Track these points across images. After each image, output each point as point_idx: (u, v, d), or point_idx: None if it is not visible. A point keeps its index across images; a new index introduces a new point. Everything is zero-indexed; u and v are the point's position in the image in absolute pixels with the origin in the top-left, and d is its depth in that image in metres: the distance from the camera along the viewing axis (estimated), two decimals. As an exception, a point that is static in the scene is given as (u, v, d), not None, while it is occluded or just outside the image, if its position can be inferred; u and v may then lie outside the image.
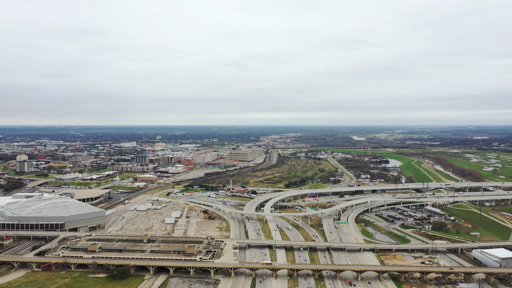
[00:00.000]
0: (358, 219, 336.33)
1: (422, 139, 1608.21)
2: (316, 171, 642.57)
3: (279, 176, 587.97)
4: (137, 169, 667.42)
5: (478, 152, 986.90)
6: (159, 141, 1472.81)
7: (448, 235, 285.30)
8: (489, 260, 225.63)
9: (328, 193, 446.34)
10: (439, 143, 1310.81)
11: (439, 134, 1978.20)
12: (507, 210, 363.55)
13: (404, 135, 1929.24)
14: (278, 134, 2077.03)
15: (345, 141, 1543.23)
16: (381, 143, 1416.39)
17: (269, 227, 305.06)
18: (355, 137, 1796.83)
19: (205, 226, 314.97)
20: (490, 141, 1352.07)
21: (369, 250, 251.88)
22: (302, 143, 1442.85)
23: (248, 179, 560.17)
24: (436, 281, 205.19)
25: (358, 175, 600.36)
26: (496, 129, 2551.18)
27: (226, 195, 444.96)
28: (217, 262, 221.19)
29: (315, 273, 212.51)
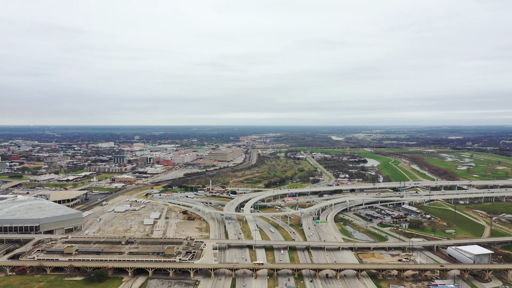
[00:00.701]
0: (337, 218, 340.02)
1: (399, 139, 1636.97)
2: (296, 171, 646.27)
3: (259, 176, 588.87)
4: (115, 170, 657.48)
5: (452, 152, 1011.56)
6: (138, 141, 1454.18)
7: (424, 233, 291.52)
8: (464, 256, 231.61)
9: (308, 192, 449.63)
10: (415, 143, 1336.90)
11: (416, 134, 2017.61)
12: (480, 208, 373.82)
13: (381, 135, 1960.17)
14: (258, 134, 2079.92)
15: (324, 141, 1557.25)
16: (359, 143, 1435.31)
17: (249, 227, 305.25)
18: (334, 137, 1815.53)
19: (184, 226, 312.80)
20: (464, 141, 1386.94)
21: (348, 249, 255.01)
22: (281, 143, 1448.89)
23: (227, 179, 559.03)
24: (413, 278, 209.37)
25: (337, 174, 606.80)
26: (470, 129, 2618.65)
27: (206, 196, 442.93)
28: (196, 263, 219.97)
29: (295, 272, 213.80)
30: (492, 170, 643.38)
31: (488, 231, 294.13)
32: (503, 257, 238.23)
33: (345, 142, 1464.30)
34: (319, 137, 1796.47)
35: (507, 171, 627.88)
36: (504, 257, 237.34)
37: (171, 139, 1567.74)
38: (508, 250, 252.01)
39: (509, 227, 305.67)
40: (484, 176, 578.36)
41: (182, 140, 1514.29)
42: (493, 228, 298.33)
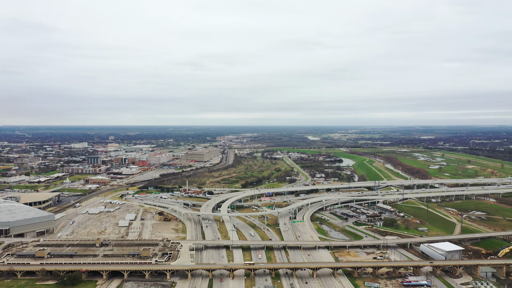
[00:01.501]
0: (314, 218, 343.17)
1: (373, 138, 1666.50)
2: (273, 171, 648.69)
3: (235, 176, 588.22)
4: (89, 171, 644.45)
5: (425, 151, 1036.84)
6: (112, 141, 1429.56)
7: (398, 231, 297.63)
8: (436, 253, 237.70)
9: (284, 192, 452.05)
10: (389, 143, 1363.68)
11: (390, 134, 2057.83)
12: (451, 206, 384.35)
13: (356, 135, 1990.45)
14: (235, 134, 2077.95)
15: (300, 141, 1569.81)
16: (335, 142, 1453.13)
17: (226, 228, 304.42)
18: (310, 137, 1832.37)
19: (160, 228, 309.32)
20: (436, 141, 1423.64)
21: (324, 248, 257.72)
22: (258, 143, 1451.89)
23: (204, 180, 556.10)
24: (387, 275, 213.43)
25: (313, 174, 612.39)
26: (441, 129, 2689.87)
27: (182, 196, 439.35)
28: (173, 264, 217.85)
29: (272, 272, 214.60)
30: (463, 169, 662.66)
31: (459, 228, 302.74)
32: (473, 253, 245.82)
33: (321, 142, 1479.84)
34: (295, 137, 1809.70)
35: (476, 169, 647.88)
36: (474, 253, 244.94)
37: (146, 140, 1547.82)
38: (477, 246, 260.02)
39: (478, 224, 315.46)
40: (455, 175, 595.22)
41: (158, 141, 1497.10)
42: (464, 225, 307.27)
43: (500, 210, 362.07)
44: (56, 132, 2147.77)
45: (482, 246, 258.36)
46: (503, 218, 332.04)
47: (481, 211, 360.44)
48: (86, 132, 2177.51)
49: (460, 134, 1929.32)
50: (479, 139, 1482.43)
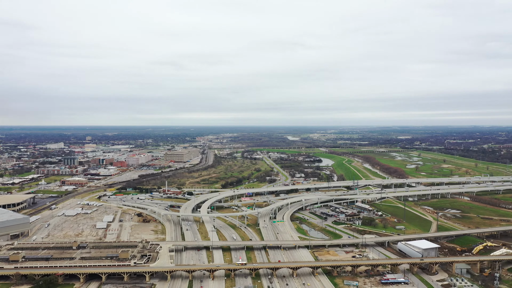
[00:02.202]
0: (293, 217, 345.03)
1: (352, 139, 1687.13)
2: (253, 171, 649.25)
3: (215, 177, 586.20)
4: (65, 172, 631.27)
5: (402, 151, 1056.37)
6: (90, 142, 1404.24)
7: (376, 230, 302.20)
8: (413, 251, 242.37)
9: (264, 192, 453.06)
10: (367, 143, 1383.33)
11: (368, 134, 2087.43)
12: (427, 204, 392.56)
13: (335, 135, 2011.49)
14: (215, 135, 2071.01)
15: (280, 141, 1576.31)
16: (314, 142, 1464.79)
17: (206, 228, 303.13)
18: (290, 137, 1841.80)
19: (139, 229, 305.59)
20: (412, 141, 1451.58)
21: (304, 247, 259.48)
22: (238, 143, 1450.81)
23: (184, 180, 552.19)
24: (366, 273, 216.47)
25: (293, 174, 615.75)
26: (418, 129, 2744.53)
27: (162, 197, 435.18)
28: (152, 266, 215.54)
29: (252, 272, 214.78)
30: (438, 168, 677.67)
31: (435, 226, 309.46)
32: (448, 250, 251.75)
33: (300, 142, 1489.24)
34: (275, 137, 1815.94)
35: (451, 169, 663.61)
36: (449, 250, 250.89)
37: (125, 140, 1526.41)
38: (453, 243, 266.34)
39: (453, 222, 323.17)
40: (431, 174, 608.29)
41: (136, 141, 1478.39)
42: (439, 223, 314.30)
43: (474, 208, 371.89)
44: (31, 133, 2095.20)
45: (457, 244, 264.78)
46: (477, 216, 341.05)
47: (456, 209, 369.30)
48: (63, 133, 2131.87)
49: (436, 134, 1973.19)
50: (454, 139, 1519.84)
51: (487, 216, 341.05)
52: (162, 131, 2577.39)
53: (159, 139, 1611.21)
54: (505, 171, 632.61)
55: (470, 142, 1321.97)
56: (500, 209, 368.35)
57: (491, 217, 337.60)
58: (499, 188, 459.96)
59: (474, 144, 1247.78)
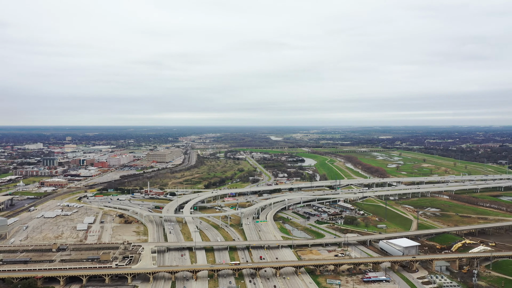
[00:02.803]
0: (276, 217, 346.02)
1: (334, 138, 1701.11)
2: (236, 171, 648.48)
3: (198, 177, 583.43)
4: (45, 173, 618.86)
5: (383, 151, 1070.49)
6: (70, 142, 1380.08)
7: (358, 228, 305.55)
8: (394, 249, 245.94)
9: (247, 192, 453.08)
10: (349, 143, 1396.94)
11: (350, 134, 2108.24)
12: (408, 203, 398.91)
13: (318, 135, 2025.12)
14: (197, 135, 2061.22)
15: (263, 141, 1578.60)
16: (297, 142, 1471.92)
17: (189, 229, 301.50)
18: (273, 137, 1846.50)
19: (121, 231, 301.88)
20: (393, 140, 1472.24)
21: (287, 247, 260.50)
22: (221, 143, 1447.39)
23: (166, 181, 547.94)
24: (348, 272, 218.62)
25: (276, 174, 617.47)
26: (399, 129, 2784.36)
27: (144, 198, 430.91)
28: (134, 267, 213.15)
29: (236, 272, 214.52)
30: (418, 168, 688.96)
31: (415, 224, 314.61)
32: (428, 248, 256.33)
33: (283, 142, 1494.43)
34: (258, 137, 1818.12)
35: (431, 168, 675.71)
36: (429, 248, 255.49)
37: (106, 140, 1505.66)
38: (432, 241, 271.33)
39: (433, 220, 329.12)
40: (411, 173, 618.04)
41: (118, 141, 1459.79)
42: (420, 222, 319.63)
43: (453, 207, 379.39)
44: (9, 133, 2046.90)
45: (436, 241, 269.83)
46: (456, 214, 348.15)
47: (436, 207, 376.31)
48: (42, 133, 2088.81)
49: (416, 134, 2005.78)
50: (434, 138, 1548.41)
51: (465, 214, 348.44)
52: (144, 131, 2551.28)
53: (141, 140, 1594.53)
54: (482, 170, 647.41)
55: (449, 142, 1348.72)
56: (478, 207, 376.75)
57: (469, 215, 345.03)
58: (477, 187, 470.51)
59: (453, 143, 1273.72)
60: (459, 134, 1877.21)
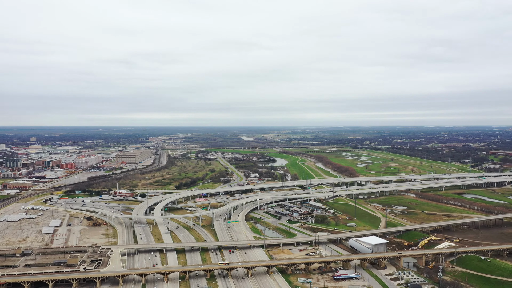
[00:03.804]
0: (248, 217, 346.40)
1: (305, 139, 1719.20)
2: (207, 172, 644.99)
3: (169, 178, 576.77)
4: (7, 175, 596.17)
5: (353, 150, 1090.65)
6: (34, 143, 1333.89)
7: (329, 227, 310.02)
8: (363, 247, 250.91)
9: (219, 193, 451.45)
10: (320, 143, 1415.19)
11: (320, 134, 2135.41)
12: (377, 202, 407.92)
13: (289, 135, 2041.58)
14: (168, 135, 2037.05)
15: (234, 141, 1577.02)
16: (268, 143, 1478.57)
17: (160, 230, 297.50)
18: (245, 137, 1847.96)
19: (89, 233, 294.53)
20: (362, 140, 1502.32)
21: (259, 246, 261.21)
22: (192, 143, 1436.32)
23: (136, 182, 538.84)
24: (319, 270, 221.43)
25: (248, 174, 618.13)
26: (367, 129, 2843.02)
27: (113, 200, 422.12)
28: (103, 271, 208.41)
29: (207, 273, 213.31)
30: (387, 167, 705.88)
31: (384, 222, 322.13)
32: (396, 245, 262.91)
33: (255, 142, 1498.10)
34: (230, 138, 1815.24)
35: (398, 167, 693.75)
36: (397, 245, 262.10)
37: (73, 141, 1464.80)
38: (400, 238, 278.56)
39: (401, 218, 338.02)
40: (380, 173, 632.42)
41: (85, 142, 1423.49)
42: (388, 220, 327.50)
43: (420, 204, 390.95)
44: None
45: (404, 238, 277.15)
46: (422, 212, 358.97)
47: (403, 206, 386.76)
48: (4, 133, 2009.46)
49: (384, 134, 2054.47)
50: (401, 138, 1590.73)
51: (431, 211, 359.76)
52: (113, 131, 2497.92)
53: (110, 140, 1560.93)
54: (447, 168, 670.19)
55: (415, 142, 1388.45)
56: (442, 205, 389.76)
57: (434, 212, 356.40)
58: (442, 185, 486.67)
59: (419, 143, 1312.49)
60: (425, 134, 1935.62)
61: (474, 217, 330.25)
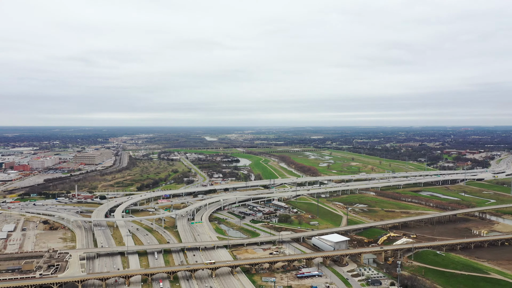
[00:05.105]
0: (212, 218, 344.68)
1: (268, 139, 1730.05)
2: (170, 172, 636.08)
3: (130, 179, 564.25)
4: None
5: (315, 150, 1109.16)
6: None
7: (292, 226, 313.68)
8: (325, 245, 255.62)
9: (182, 193, 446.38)
10: (283, 143, 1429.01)
11: (283, 134, 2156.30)
12: (338, 200, 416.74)
13: (252, 135, 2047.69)
14: (129, 135, 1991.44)
15: (198, 141, 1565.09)
16: (232, 143, 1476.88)
17: (121, 233, 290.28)
18: (208, 138, 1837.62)
19: (46, 238, 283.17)
20: (324, 140, 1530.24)
21: (223, 247, 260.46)
22: (154, 144, 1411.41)
23: (96, 184, 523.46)
24: (283, 269, 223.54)
25: (211, 174, 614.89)
26: (329, 129, 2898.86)
27: (71, 202, 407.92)
28: (61, 276, 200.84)
29: (170, 275, 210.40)
30: (348, 166, 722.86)
31: (345, 220, 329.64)
32: (357, 242, 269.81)
33: (218, 143, 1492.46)
34: (193, 138, 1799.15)
35: (359, 166, 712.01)
36: (358, 242, 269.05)
37: (28, 142, 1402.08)
38: (361, 235, 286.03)
39: (361, 216, 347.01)
40: (341, 172, 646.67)
41: (41, 143, 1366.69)
42: (349, 218, 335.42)
43: (379, 202, 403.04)
44: None
45: (364, 235, 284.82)
46: (382, 209, 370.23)
47: (364, 203, 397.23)
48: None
49: (345, 134, 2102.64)
50: (361, 138, 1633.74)
51: (390, 209, 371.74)
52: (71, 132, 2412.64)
53: (68, 141, 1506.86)
54: (404, 167, 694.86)
55: (375, 142, 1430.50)
56: (401, 202, 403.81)
57: (393, 209, 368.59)
58: (400, 183, 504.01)
59: (378, 143, 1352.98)
60: (383, 134, 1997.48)
61: (430, 213, 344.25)
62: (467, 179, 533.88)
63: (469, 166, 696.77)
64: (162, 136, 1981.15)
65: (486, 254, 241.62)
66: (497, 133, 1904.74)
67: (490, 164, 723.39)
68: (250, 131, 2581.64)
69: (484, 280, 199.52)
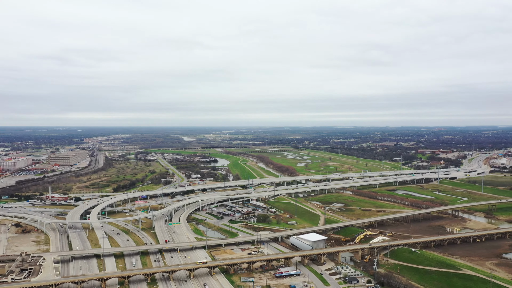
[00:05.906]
0: (190, 218, 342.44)
1: (247, 139, 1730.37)
2: (147, 173, 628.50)
3: (106, 180, 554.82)
4: None
5: (293, 150, 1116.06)
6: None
7: (271, 226, 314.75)
8: (303, 244, 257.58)
9: (160, 194, 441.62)
10: (261, 143, 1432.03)
11: (262, 134, 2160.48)
12: (316, 199, 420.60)
13: (231, 136, 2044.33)
14: (105, 136, 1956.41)
15: (175, 142, 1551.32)
16: (210, 143, 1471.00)
17: (97, 235, 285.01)
18: (186, 138, 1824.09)
19: (18, 241, 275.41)
20: (302, 140, 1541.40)
21: (201, 248, 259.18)
22: (131, 144, 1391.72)
23: (71, 185, 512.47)
24: (261, 269, 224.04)
25: (189, 175, 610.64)
26: (307, 129, 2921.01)
27: (45, 204, 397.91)
28: (34, 280, 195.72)
29: (148, 277, 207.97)
30: (325, 166, 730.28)
31: (323, 219, 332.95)
32: (334, 241, 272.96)
33: (196, 143, 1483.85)
34: (170, 138, 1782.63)
35: (336, 166, 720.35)
36: (336, 241, 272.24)
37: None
38: (338, 234, 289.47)
39: (339, 215, 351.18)
40: (319, 171, 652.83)
41: (13, 143, 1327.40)
42: (327, 217, 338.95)
43: (356, 201, 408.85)
44: None
45: (342, 234, 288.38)
46: (358, 208, 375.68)
47: (341, 203, 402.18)
48: None
49: (323, 134, 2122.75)
50: (338, 138, 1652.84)
51: (366, 208, 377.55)
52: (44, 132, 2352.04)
53: (41, 141, 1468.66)
54: (380, 167, 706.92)
55: (351, 141, 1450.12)
56: (377, 201, 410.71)
57: (370, 208, 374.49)
58: (376, 182, 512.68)
59: (355, 143, 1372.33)
60: (360, 134, 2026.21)
61: (405, 212, 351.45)
62: (440, 178, 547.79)
63: (443, 165, 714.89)
64: (139, 136, 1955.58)
65: (459, 251, 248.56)
66: (468, 133, 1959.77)
67: (463, 163, 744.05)
68: (229, 131, 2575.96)
69: (457, 276, 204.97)
